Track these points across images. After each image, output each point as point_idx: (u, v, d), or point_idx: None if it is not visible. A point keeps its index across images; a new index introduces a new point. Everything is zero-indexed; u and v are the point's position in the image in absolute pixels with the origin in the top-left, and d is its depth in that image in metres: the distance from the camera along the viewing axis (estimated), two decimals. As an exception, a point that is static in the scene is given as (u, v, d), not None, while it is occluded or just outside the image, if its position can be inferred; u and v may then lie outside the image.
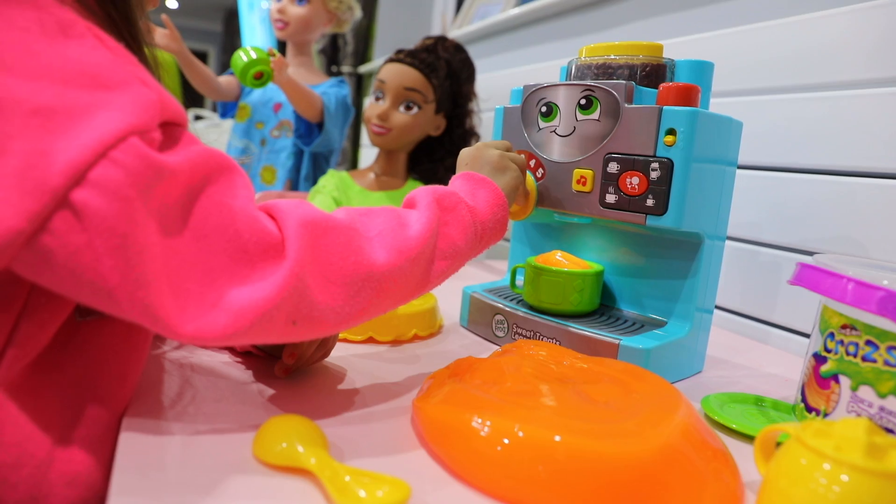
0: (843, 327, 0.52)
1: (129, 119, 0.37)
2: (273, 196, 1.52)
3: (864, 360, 0.50)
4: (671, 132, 0.63)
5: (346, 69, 3.12)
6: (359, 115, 2.62)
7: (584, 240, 0.83)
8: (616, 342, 0.66)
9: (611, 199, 0.67)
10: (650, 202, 0.64)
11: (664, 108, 0.63)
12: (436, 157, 1.38)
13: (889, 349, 0.48)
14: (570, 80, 0.74)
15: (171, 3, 7.29)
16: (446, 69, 1.31)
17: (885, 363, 0.48)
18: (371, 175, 1.38)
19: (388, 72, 1.29)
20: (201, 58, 1.63)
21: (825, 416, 0.53)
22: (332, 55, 3.26)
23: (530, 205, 0.73)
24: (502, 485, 0.41)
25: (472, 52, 1.41)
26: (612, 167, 0.66)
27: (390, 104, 1.28)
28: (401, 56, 1.30)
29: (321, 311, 0.44)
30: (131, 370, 0.48)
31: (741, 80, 0.95)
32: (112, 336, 0.46)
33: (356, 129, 2.94)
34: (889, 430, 0.48)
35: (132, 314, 0.37)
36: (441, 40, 1.35)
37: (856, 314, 0.50)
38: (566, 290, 0.74)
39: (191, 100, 3.34)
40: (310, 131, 1.63)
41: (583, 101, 0.68)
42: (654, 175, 0.64)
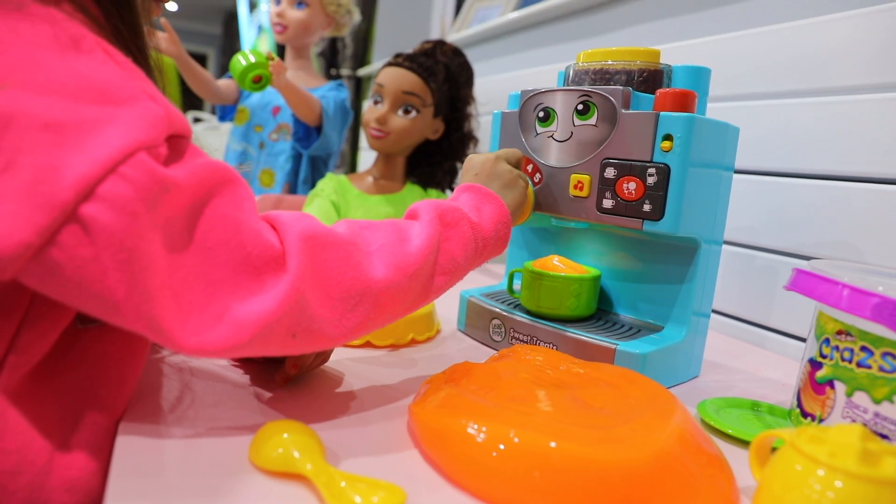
0: (839, 333, 0.52)
1: (137, 135, 0.38)
2: (271, 199, 1.52)
3: (858, 365, 0.50)
4: (668, 138, 0.63)
5: (345, 72, 3.12)
6: (357, 119, 2.63)
7: (582, 244, 0.83)
8: (613, 347, 0.66)
9: (608, 204, 0.67)
10: (647, 207, 0.64)
11: (661, 113, 0.63)
12: (434, 161, 1.38)
13: (884, 355, 0.48)
14: (568, 86, 0.74)
15: (171, 6, 7.29)
16: (445, 73, 1.31)
17: (880, 369, 0.48)
18: (369, 178, 1.38)
19: (386, 76, 1.30)
20: (200, 61, 1.63)
21: (821, 421, 0.53)
22: (330, 58, 3.26)
23: (528, 210, 0.73)
24: (498, 490, 0.41)
25: (470, 55, 1.41)
26: (609, 172, 0.67)
27: (389, 108, 1.28)
28: (399, 60, 1.30)
29: (320, 324, 0.45)
30: (130, 376, 0.48)
31: (739, 85, 0.95)
32: (112, 343, 0.47)
33: (355, 132, 2.95)
34: (884, 436, 0.48)
35: (137, 326, 0.38)
36: (440, 44, 1.35)
37: (851, 320, 0.51)
38: (563, 294, 0.74)
39: (190, 103, 3.35)
40: (308, 135, 1.63)
41: (580, 107, 0.68)
42: (650, 180, 0.64)
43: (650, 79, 0.70)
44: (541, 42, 1.66)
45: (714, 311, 0.97)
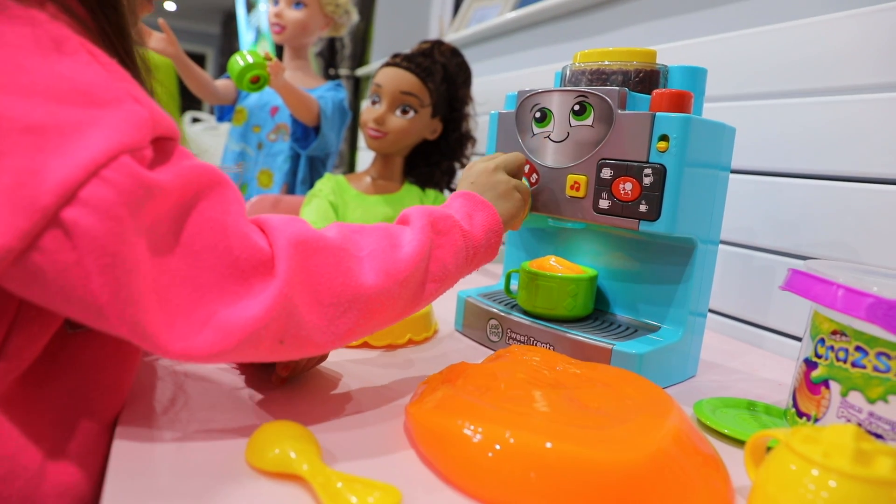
0: (834, 333, 0.52)
1: (120, 138, 0.38)
2: (270, 200, 1.52)
3: (853, 365, 0.50)
4: (664, 138, 0.63)
5: (343, 72, 3.12)
6: (356, 119, 2.63)
7: (578, 245, 0.83)
8: (609, 347, 0.67)
9: (604, 204, 0.67)
10: (643, 208, 0.64)
11: (657, 114, 0.63)
12: (432, 161, 1.38)
13: (878, 355, 0.48)
14: (565, 86, 0.74)
15: (169, 6, 7.29)
16: (443, 73, 1.32)
17: (875, 369, 0.48)
18: (367, 179, 1.38)
19: (384, 76, 1.30)
20: (199, 61, 1.64)
21: (816, 421, 0.53)
22: (329, 58, 3.26)
23: (525, 210, 0.73)
24: (494, 491, 0.42)
25: (468, 55, 1.41)
26: (606, 173, 0.67)
27: (387, 108, 1.29)
28: (397, 60, 1.30)
29: (308, 330, 0.45)
30: (122, 381, 0.48)
31: (735, 85, 0.95)
32: (103, 347, 0.46)
33: (353, 132, 2.95)
34: (878, 436, 0.48)
35: (121, 331, 0.38)
36: (438, 44, 1.36)
37: (846, 320, 0.51)
38: (560, 294, 0.74)
39: (188, 103, 3.35)
40: (306, 135, 1.63)
41: (576, 107, 0.69)
42: (647, 181, 0.64)
43: (647, 79, 0.70)
44: (539, 42, 1.66)
45: (711, 311, 0.98)
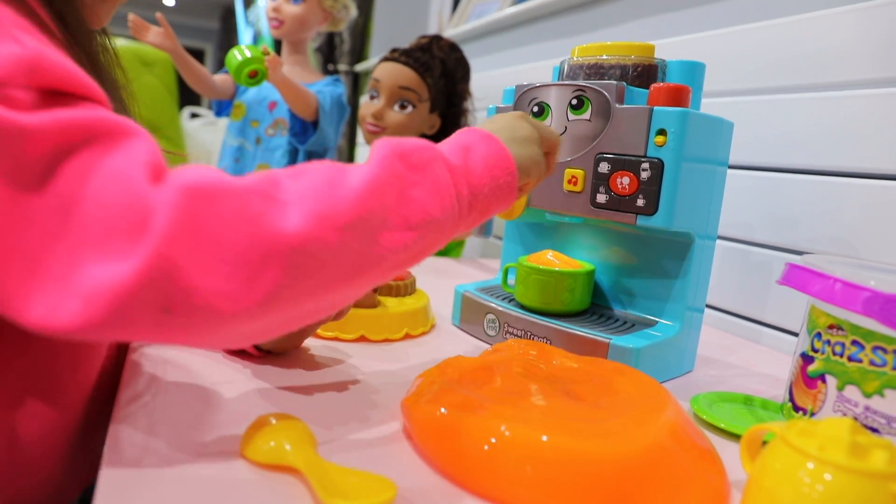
0: (830, 327, 0.52)
1: None
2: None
3: (850, 359, 0.50)
4: (662, 132, 0.63)
5: (342, 67, 3.11)
6: (355, 115, 2.62)
7: (576, 239, 0.83)
8: (606, 341, 0.67)
9: (601, 198, 0.67)
10: (640, 202, 0.64)
11: (655, 108, 0.63)
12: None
13: (874, 349, 0.48)
14: (562, 80, 0.74)
15: (168, 1, 7.27)
16: (441, 68, 1.31)
17: (871, 363, 0.48)
18: (365, 174, 1.38)
19: (382, 70, 1.30)
20: (198, 56, 1.63)
21: (812, 415, 0.53)
22: (328, 54, 3.26)
23: (522, 204, 0.73)
24: (489, 484, 0.42)
25: (467, 50, 1.41)
26: (603, 167, 0.67)
27: (385, 103, 1.28)
28: (395, 55, 1.30)
29: (207, 297, 0.35)
30: (81, 364, 0.45)
31: (734, 80, 0.95)
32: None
33: (352, 127, 2.95)
34: (874, 430, 0.48)
35: None
36: (436, 39, 1.35)
37: (842, 314, 0.51)
38: (557, 289, 0.74)
39: (187, 98, 3.35)
40: (305, 130, 1.63)
41: (574, 101, 0.68)
42: (644, 175, 0.64)
43: (644, 74, 0.70)
44: (538, 37, 1.65)
45: (709, 307, 0.98)
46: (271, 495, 0.39)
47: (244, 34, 4.25)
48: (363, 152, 2.64)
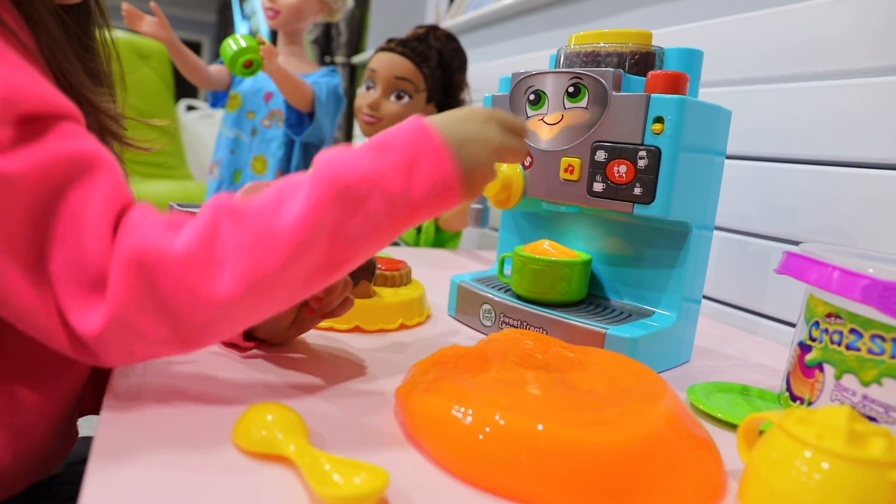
0: (828, 316, 0.52)
1: None
2: (263, 186, 1.51)
3: (848, 348, 0.50)
4: (659, 120, 0.62)
5: (339, 59, 3.10)
6: (351, 106, 2.61)
7: (572, 229, 0.82)
8: (603, 331, 0.66)
9: (598, 187, 0.67)
10: (637, 191, 0.64)
11: (652, 95, 0.63)
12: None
13: (873, 337, 0.48)
14: (559, 68, 0.73)
15: (164, -7, 7.22)
16: (437, 58, 1.31)
17: (869, 351, 0.48)
18: (362, 165, 1.37)
19: (378, 61, 1.29)
20: (194, 48, 1.62)
21: (809, 404, 0.53)
22: (325, 45, 3.24)
23: (518, 193, 0.72)
24: (484, 473, 0.41)
25: (465, 41, 1.40)
26: (600, 155, 0.66)
27: (381, 93, 1.28)
28: (392, 45, 1.29)
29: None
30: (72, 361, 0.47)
31: (731, 70, 0.94)
32: None
33: (349, 119, 2.94)
34: (872, 419, 0.48)
35: None
36: (433, 29, 1.34)
37: (840, 302, 0.50)
38: (553, 279, 0.74)
39: (183, 90, 3.33)
40: (301, 121, 1.62)
41: (571, 89, 0.68)
42: (641, 163, 0.63)
43: (642, 61, 0.69)
44: (535, 28, 1.64)
45: (706, 298, 0.97)
46: (263, 484, 0.39)
47: (240, 27, 4.24)
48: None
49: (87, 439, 0.64)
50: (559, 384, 0.48)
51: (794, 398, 0.55)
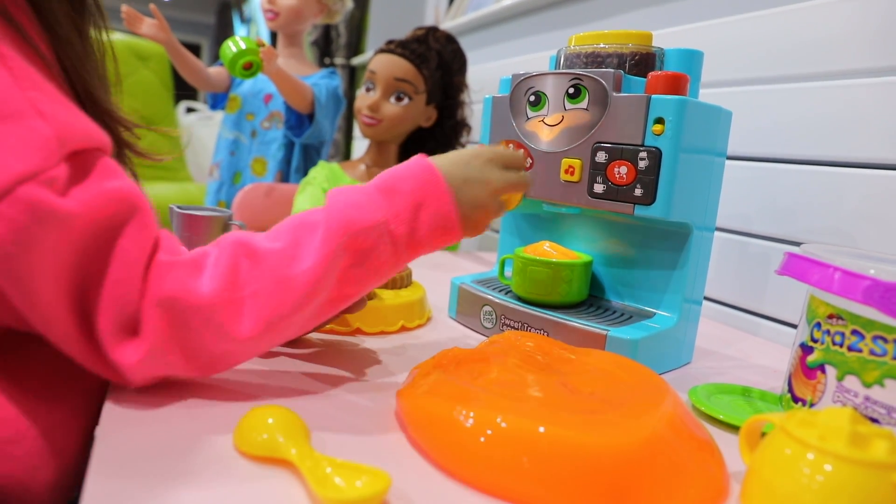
0: (830, 317, 0.51)
1: (17, 166, 0.36)
2: (263, 188, 1.51)
3: (849, 349, 0.49)
4: (659, 121, 0.62)
5: (339, 61, 3.10)
6: (351, 107, 2.61)
7: (573, 230, 0.82)
8: (604, 333, 0.66)
9: (599, 188, 0.67)
10: (638, 192, 0.64)
11: (652, 96, 0.62)
12: (427, 149, 1.37)
13: (875, 339, 0.48)
14: (559, 69, 0.73)
15: (164, -5, 7.23)
16: (437, 60, 1.31)
17: (871, 353, 0.48)
18: (362, 167, 1.37)
19: (378, 62, 1.29)
20: (194, 50, 1.62)
21: (811, 406, 0.53)
22: (324, 47, 3.24)
23: (518, 195, 0.72)
24: (486, 476, 0.41)
25: (464, 43, 1.40)
26: (601, 157, 0.66)
27: (381, 95, 1.28)
28: (391, 46, 1.29)
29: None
30: None
31: (731, 70, 0.94)
32: None
33: (349, 120, 2.94)
34: (874, 420, 0.48)
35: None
36: (432, 31, 1.34)
37: (842, 304, 0.50)
38: (554, 280, 0.74)
39: (183, 91, 3.33)
40: (300, 123, 1.62)
41: (571, 90, 0.68)
42: (642, 164, 0.63)
43: (642, 62, 0.69)
44: (535, 29, 1.64)
45: (707, 299, 0.97)
46: (264, 488, 0.39)
47: (240, 29, 4.24)
48: (360, 146, 2.63)
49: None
50: (560, 386, 0.48)
51: (795, 400, 0.55)
